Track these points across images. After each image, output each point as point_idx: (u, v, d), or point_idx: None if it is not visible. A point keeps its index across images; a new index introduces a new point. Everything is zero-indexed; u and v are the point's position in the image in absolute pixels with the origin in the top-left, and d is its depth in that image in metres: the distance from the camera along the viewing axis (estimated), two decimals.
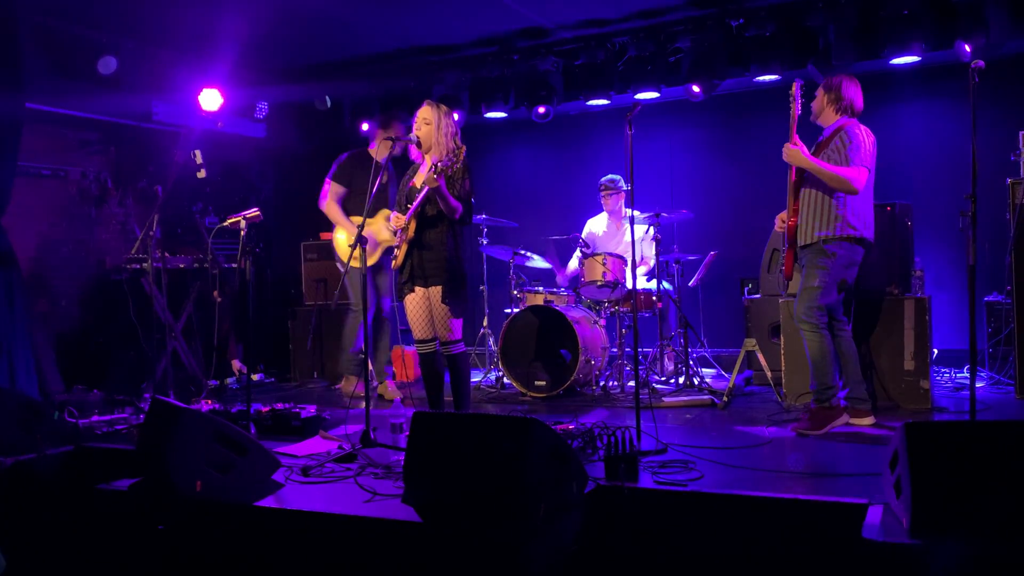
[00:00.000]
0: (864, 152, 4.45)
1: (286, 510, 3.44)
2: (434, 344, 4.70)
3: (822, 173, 4.47)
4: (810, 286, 4.56)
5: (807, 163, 4.50)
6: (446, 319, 4.57)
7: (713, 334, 7.39)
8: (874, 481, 3.27)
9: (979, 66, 3.71)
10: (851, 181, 4.40)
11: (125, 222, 6.90)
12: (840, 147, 4.49)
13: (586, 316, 6.24)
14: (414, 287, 4.63)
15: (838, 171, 4.43)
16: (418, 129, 4.58)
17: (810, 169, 4.51)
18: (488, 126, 8.09)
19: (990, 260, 5.81)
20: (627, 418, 4.68)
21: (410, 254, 4.61)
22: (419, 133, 4.58)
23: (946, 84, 6.75)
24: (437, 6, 6.10)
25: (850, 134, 4.49)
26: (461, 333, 4.67)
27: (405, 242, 4.60)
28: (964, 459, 2.67)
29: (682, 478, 3.55)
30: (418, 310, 4.66)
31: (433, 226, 4.55)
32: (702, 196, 7.76)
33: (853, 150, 4.44)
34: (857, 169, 4.42)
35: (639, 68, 6.56)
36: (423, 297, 4.63)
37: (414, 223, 4.54)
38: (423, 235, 4.56)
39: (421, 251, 4.57)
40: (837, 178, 4.43)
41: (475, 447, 3.10)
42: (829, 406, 4.54)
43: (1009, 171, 5.55)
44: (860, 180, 4.42)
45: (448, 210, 4.45)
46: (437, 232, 4.55)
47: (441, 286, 4.54)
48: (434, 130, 4.54)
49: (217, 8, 5.97)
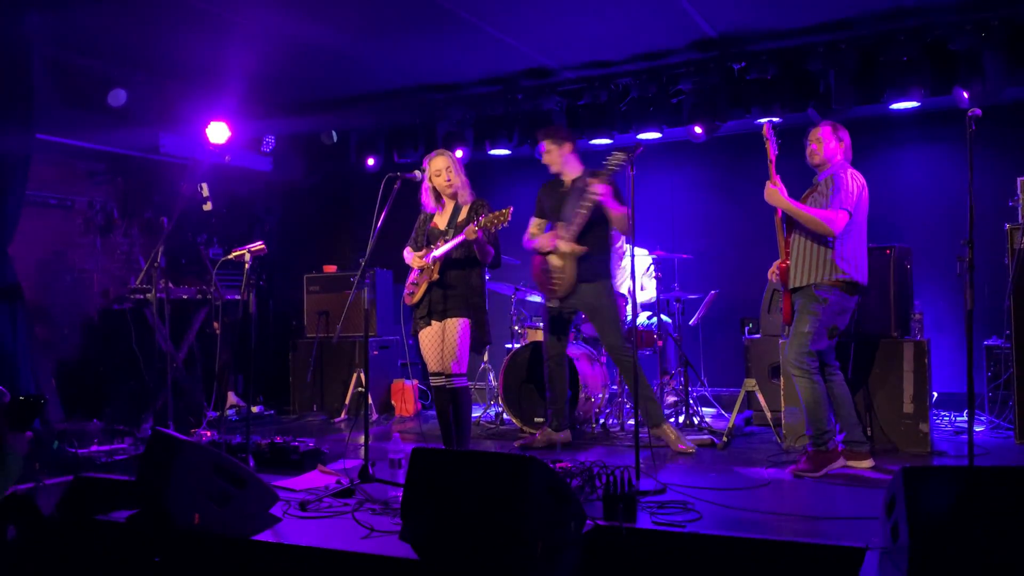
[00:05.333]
0: (846, 195, 4.45)
1: (283, 544, 3.42)
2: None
3: (799, 215, 4.50)
4: (800, 331, 4.55)
5: (785, 204, 4.54)
6: (454, 351, 4.61)
7: (713, 373, 7.38)
8: (872, 525, 3.26)
9: (976, 114, 3.76)
10: (827, 223, 4.41)
11: (130, 252, 6.94)
12: (825, 191, 4.53)
13: (586, 353, 6.25)
14: (431, 321, 4.70)
15: (815, 213, 4.45)
16: (438, 176, 4.68)
17: (787, 211, 4.55)
18: (491, 163, 8.16)
19: (989, 304, 5.84)
20: (626, 457, 4.67)
21: (429, 291, 4.69)
22: (438, 182, 4.69)
23: (945, 129, 6.81)
24: (444, 45, 6.20)
25: (836, 179, 4.52)
26: (467, 368, 4.71)
27: (426, 281, 4.66)
28: (962, 504, 2.67)
29: (680, 519, 3.54)
30: (433, 344, 4.71)
31: (458, 268, 4.66)
32: (703, 235, 7.80)
33: (835, 193, 4.46)
34: (835, 212, 4.42)
35: (641, 109, 6.65)
36: (439, 331, 4.68)
37: (438, 265, 4.61)
38: (446, 275, 4.65)
39: (441, 289, 4.66)
40: (814, 220, 4.45)
41: (473, 484, 3.10)
42: (826, 450, 4.53)
43: (1007, 216, 5.59)
44: (837, 223, 4.42)
45: (482, 256, 4.59)
46: (462, 272, 4.66)
47: (459, 319, 4.62)
48: (454, 177, 4.69)
49: (225, 43, 6.06)
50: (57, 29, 5.76)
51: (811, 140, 4.68)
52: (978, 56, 5.58)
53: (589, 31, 6.00)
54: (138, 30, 5.86)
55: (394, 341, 7.67)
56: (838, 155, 4.62)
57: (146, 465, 3.88)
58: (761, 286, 6.16)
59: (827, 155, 4.62)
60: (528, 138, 7.11)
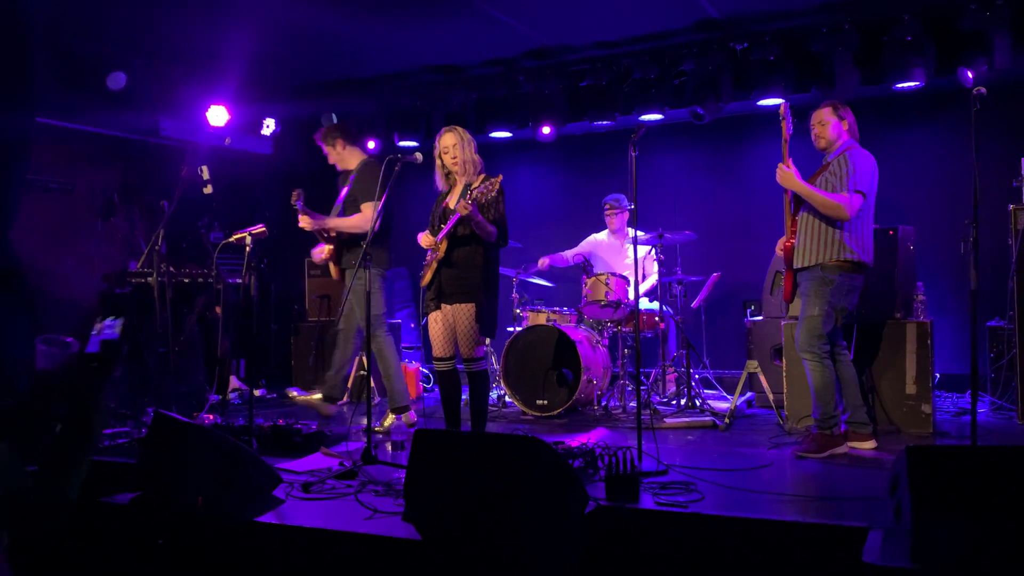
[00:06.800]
0: (860, 177, 4.44)
1: (286, 526, 3.43)
2: (453, 362, 4.74)
3: (813, 198, 4.49)
4: (811, 315, 4.53)
5: (799, 187, 4.52)
6: (473, 336, 4.61)
7: (715, 355, 7.39)
8: (875, 505, 3.26)
9: (981, 92, 3.73)
10: (843, 207, 4.40)
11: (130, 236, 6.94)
12: (838, 171, 4.50)
13: (588, 336, 6.25)
14: (440, 304, 4.69)
15: (830, 197, 4.43)
16: (446, 153, 4.65)
17: (802, 193, 4.53)
18: (493, 145, 8.13)
19: (992, 285, 5.82)
20: (629, 438, 4.68)
21: (438, 272, 4.67)
22: (446, 159, 4.66)
23: (949, 110, 6.78)
24: (445, 26, 6.17)
25: (850, 159, 4.49)
26: (484, 351, 4.71)
27: (435, 260, 4.65)
28: (965, 484, 2.67)
29: (683, 499, 3.54)
30: (440, 328, 4.70)
31: (464, 245, 4.62)
32: (705, 217, 7.78)
33: (850, 175, 4.44)
34: (850, 196, 4.41)
35: (644, 90, 6.62)
36: (446, 315, 4.68)
37: (445, 243, 4.60)
38: (452, 254, 4.63)
39: (449, 269, 4.64)
40: (828, 204, 4.43)
41: (476, 465, 3.10)
42: (831, 433, 4.53)
43: (1011, 197, 5.57)
44: (852, 207, 4.41)
45: (484, 234, 4.54)
46: (467, 252, 4.62)
47: (465, 304, 4.60)
48: (460, 154, 4.64)
49: (226, 26, 6.03)
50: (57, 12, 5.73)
51: (813, 124, 4.66)
52: (984, 34, 5.54)
53: (592, 12, 5.96)
54: (138, 13, 5.83)
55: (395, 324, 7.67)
56: (843, 134, 4.60)
57: (148, 448, 3.88)
58: (763, 268, 6.15)
59: (832, 136, 4.61)
60: (530, 120, 7.08)
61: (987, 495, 2.63)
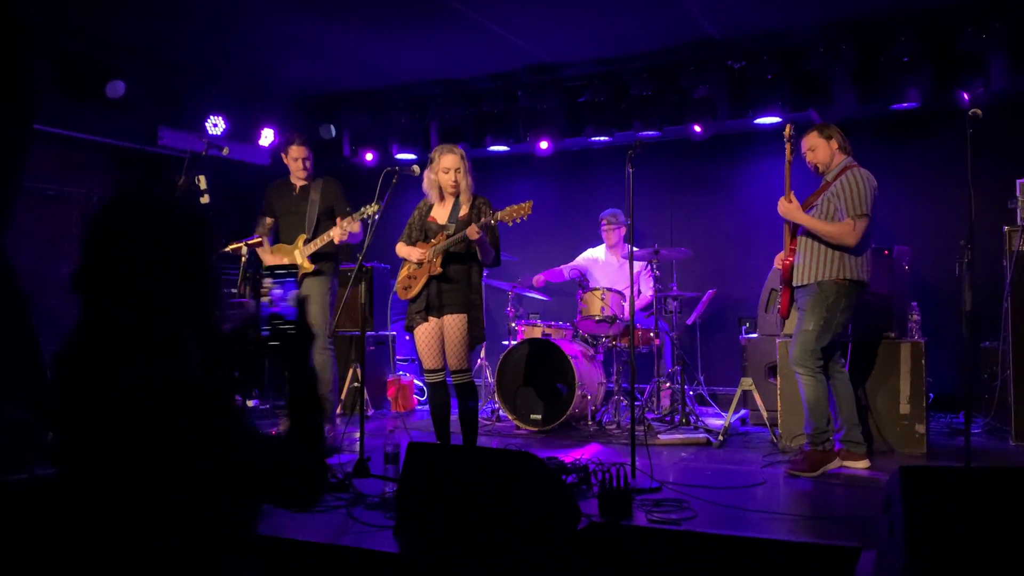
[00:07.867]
0: (861, 199, 4.46)
1: (277, 538, 3.41)
2: (443, 374, 4.72)
3: (817, 228, 4.52)
4: (806, 330, 4.55)
5: (802, 220, 4.58)
6: (463, 349, 4.60)
7: (710, 372, 7.38)
8: (868, 524, 3.26)
9: (976, 114, 3.75)
10: (847, 235, 4.44)
11: None
12: (840, 193, 4.51)
13: (583, 350, 6.24)
14: (428, 317, 4.66)
15: (834, 226, 4.47)
16: (446, 173, 4.64)
17: (805, 225, 4.57)
18: (490, 159, 8.14)
19: (987, 306, 5.83)
20: (622, 454, 4.67)
21: (428, 285, 4.65)
22: (445, 179, 4.65)
23: (945, 130, 6.80)
24: (444, 40, 6.19)
25: (852, 182, 4.50)
26: (472, 363, 4.72)
27: (426, 274, 4.64)
28: (959, 505, 2.66)
29: (676, 517, 3.53)
30: (430, 340, 4.68)
31: (460, 263, 4.63)
32: (701, 234, 7.78)
33: (853, 199, 4.47)
34: (852, 222, 4.44)
35: (642, 107, 6.64)
36: (436, 327, 4.66)
37: (440, 258, 4.59)
38: (448, 269, 4.62)
39: (440, 283, 4.62)
40: (833, 233, 4.47)
41: (469, 480, 3.10)
42: (824, 450, 4.52)
43: (1007, 218, 5.58)
44: (857, 232, 4.44)
45: (484, 255, 4.57)
46: (463, 269, 4.64)
47: (457, 315, 4.60)
48: (462, 179, 4.65)
49: (225, 36, 6.04)
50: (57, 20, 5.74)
51: (805, 151, 4.71)
52: (980, 55, 5.58)
53: (591, 29, 5.99)
54: (138, 22, 5.84)
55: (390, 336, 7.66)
56: (836, 153, 4.63)
57: None
58: (759, 285, 6.16)
59: (824, 158, 4.66)
60: (528, 134, 7.10)
61: (981, 516, 2.63)
